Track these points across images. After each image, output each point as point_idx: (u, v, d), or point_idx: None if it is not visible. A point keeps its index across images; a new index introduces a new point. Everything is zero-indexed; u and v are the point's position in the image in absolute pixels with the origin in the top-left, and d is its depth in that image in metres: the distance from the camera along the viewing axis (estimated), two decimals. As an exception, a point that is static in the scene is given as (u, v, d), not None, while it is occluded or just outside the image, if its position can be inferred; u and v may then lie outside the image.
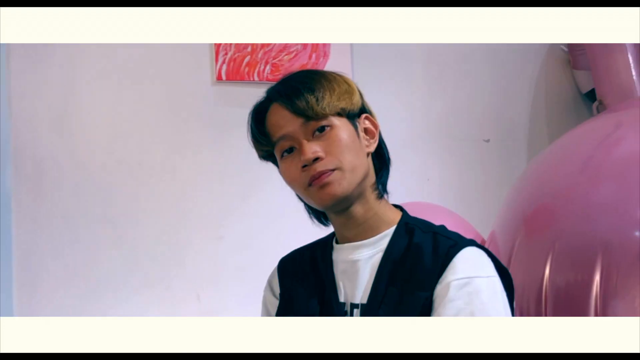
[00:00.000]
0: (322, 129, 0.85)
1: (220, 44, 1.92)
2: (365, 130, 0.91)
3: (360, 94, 0.93)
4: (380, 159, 0.94)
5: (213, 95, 1.95)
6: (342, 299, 0.89)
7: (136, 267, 1.82)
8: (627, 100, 1.68)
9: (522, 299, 1.07)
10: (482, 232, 1.61)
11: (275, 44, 1.99)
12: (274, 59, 2.00)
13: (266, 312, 1.00)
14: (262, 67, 1.98)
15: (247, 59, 1.96)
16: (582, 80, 2.35)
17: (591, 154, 1.23)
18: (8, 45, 1.70)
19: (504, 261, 1.15)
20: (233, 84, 1.97)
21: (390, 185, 2.27)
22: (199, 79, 1.93)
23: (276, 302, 0.97)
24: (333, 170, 0.83)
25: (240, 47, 1.95)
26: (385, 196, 0.93)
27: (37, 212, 1.73)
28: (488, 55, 2.36)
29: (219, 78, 1.92)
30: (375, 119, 0.94)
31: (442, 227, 0.91)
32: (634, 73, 1.81)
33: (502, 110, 2.38)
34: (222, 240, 1.90)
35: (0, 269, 1.66)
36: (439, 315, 0.79)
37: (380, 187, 0.92)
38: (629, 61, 1.82)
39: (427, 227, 0.90)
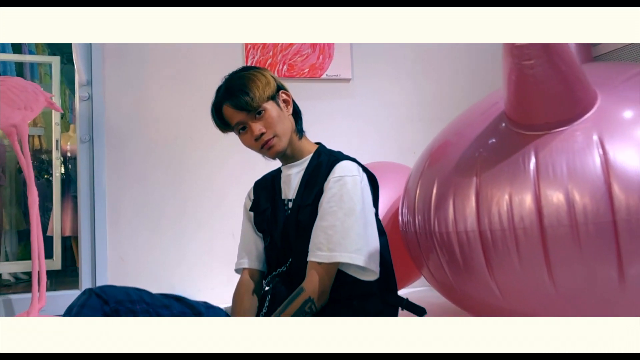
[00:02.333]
0: (259, 113, 1.28)
1: (249, 50, 2.57)
2: (284, 101, 1.35)
3: (274, 78, 1.34)
4: (295, 114, 1.39)
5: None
6: (283, 197, 1.37)
7: (188, 212, 2.50)
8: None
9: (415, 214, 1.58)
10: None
11: (290, 49, 2.62)
12: (289, 60, 2.63)
13: (245, 211, 1.48)
14: (281, 67, 2.62)
15: (269, 61, 2.60)
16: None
17: (496, 101, 1.55)
18: (103, 53, 2.41)
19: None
20: (259, 79, 2.60)
21: (384, 155, 2.79)
22: (234, 76, 2.58)
23: (249, 203, 1.47)
24: (273, 137, 1.29)
25: (263, 52, 2.59)
26: (304, 134, 1.39)
27: (122, 171, 2.44)
28: (468, 52, 2.87)
29: (248, 75, 2.57)
30: (287, 90, 1.37)
31: (338, 152, 1.40)
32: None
33: (481, 95, 2.84)
34: (250, 194, 2.53)
35: (97, 212, 2.37)
36: (324, 197, 1.23)
37: (298, 130, 1.37)
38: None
39: (328, 152, 1.36)
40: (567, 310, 1.24)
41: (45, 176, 6.15)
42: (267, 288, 1.38)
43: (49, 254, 5.43)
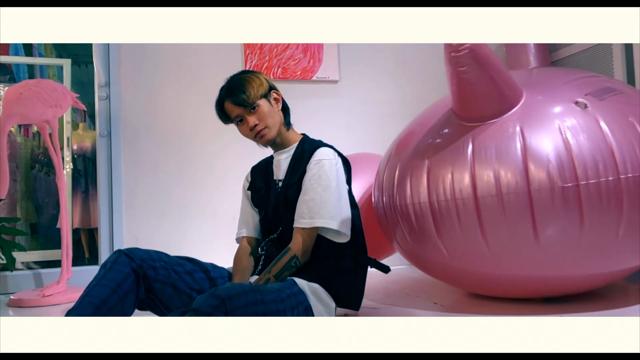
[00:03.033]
0: (254, 108, 1.56)
1: (247, 55, 2.89)
2: (275, 99, 1.62)
3: (267, 80, 1.62)
4: (284, 109, 1.67)
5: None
6: (274, 178, 1.65)
7: (193, 197, 2.82)
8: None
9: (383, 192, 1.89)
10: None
11: (284, 54, 2.94)
12: (283, 64, 2.95)
13: (243, 191, 1.75)
14: (276, 70, 2.94)
15: (265, 65, 2.92)
16: (516, 72, 3.09)
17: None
18: (119, 57, 2.72)
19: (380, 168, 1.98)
20: (256, 81, 2.89)
21: (368, 147, 3.10)
22: (234, 78, 2.90)
23: (247, 184, 1.74)
24: (264, 128, 1.57)
25: (260, 57, 2.91)
26: (291, 127, 1.68)
27: (136, 162, 2.76)
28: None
29: (247, 77, 2.89)
30: (278, 90, 1.64)
31: (319, 140, 1.69)
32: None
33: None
34: (249, 183, 2.84)
35: (114, 197, 2.68)
36: (306, 176, 1.51)
37: (286, 123, 1.66)
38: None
39: (311, 141, 1.65)
40: (498, 265, 1.56)
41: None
42: (261, 252, 1.64)
43: (60, 245, 5.73)
